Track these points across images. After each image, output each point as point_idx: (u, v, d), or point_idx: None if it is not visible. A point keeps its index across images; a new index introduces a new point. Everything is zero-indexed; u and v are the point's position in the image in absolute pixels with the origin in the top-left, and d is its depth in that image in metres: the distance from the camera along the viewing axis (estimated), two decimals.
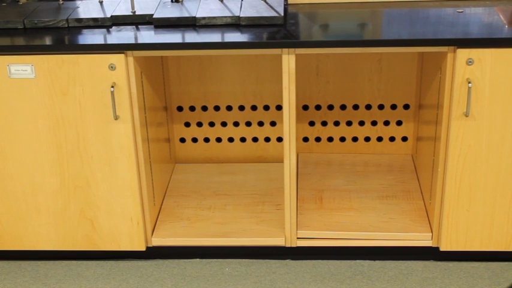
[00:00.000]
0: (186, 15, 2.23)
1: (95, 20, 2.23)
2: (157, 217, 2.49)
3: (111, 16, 2.24)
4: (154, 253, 2.42)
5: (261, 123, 2.77)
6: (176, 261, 2.43)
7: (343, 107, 2.74)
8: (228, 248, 2.41)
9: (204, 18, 2.21)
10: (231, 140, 2.80)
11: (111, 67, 2.11)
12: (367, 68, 2.66)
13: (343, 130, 2.78)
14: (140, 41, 2.13)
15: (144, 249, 2.38)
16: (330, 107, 2.74)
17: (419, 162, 2.64)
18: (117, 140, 2.20)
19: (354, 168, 2.73)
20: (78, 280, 2.35)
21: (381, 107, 2.73)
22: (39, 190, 2.29)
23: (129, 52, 2.11)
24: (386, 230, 2.37)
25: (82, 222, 2.33)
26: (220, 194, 2.63)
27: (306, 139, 2.81)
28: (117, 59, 2.10)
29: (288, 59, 2.11)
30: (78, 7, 2.34)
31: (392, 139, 2.79)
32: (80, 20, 2.23)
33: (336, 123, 2.77)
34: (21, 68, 2.11)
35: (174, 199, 2.61)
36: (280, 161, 2.29)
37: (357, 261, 2.40)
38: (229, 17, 2.21)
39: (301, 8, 2.36)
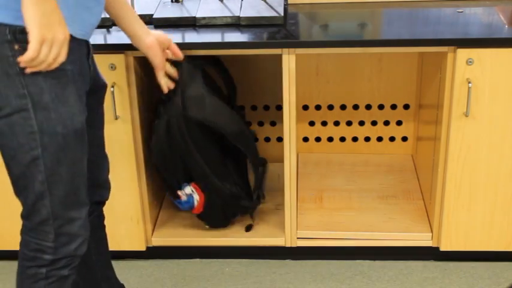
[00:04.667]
0: (186, 15, 2.23)
1: None
2: (157, 217, 2.49)
3: None
4: (154, 253, 2.42)
5: (261, 123, 2.77)
6: (176, 261, 2.43)
7: (343, 107, 2.74)
8: (228, 248, 2.41)
9: (204, 18, 2.21)
10: None
11: (111, 67, 2.11)
12: (367, 68, 2.66)
13: (343, 130, 2.78)
14: None
15: (144, 249, 2.38)
16: (330, 107, 2.74)
17: (419, 162, 2.64)
18: (117, 140, 2.20)
19: (354, 168, 2.73)
20: None
21: (381, 107, 2.73)
22: None
23: (129, 52, 2.11)
24: (386, 230, 2.37)
25: None
26: None
27: (306, 139, 2.81)
28: (117, 59, 2.10)
29: (288, 59, 2.11)
30: None
31: (392, 139, 2.79)
32: None
33: (336, 123, 2.77)
34: None
35: None
36: (280, 161, 2.29)
37: (357, 261, 2.40)
38: (229, 17, 2.21)
39: (301, 8, 2.36)
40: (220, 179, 2.29)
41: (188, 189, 2.31)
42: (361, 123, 2.76)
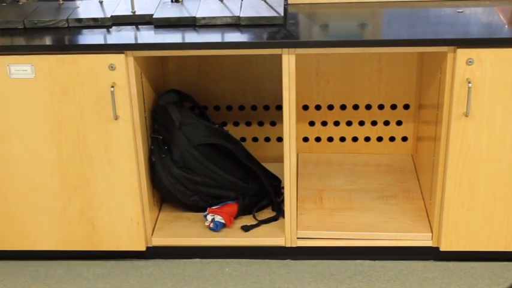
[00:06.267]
0: (186, 15, 2.23)
1: (95, 20, 2.23)
2: (157, 217, 2.49)
3: (111, 16, 2.24)
4: (154, 253, 2.42)
5: (261, 123, 2.77)
6: (176, 261, 2.43)
7: (343, 107, 2.74)
8: (228, 248, 2.41)
9: (204, 18, 2.21)
10: None
11: (111, 67, 2.11)
12: (367, 68, 2.66)
13: (343, 130, 2.78)
14: (140, 41, 2.13)
15: (144, 249, 2.38)
16: (330, 107, 2.74)
17: (419, 162, 2.64)
18: (117, 140, 2.20)
19: (354, 168, 2.73)
20: (78, 280, 2.35)
21: (381, 107, 2.73)
22: (39, 190, 2.29)
23: (129, 52, 2.11)
24: (386, 230, 2.37)
25: (82, 222, 2.33)
26: None
27: (306, 139, 2.81)
28: (117, 59, 2.10)
29: (288, 59, 2.11)
30: (78, 7, 2.34)
31: (392, 139, 2.79)
32: (80, 20, 2.24)
33: (336, 123, 2.77)
34: (21, 68, 2.11)
35: None
36: (280, 161, 2.29)
37: (357, 261, 2.40)
38: (229, 17, 2.21)
39: (301, 8, 2.36)
40: (244, 181, 2.47)
41: (209, 217, 2.42)
42: (361, 123, 2.76)
